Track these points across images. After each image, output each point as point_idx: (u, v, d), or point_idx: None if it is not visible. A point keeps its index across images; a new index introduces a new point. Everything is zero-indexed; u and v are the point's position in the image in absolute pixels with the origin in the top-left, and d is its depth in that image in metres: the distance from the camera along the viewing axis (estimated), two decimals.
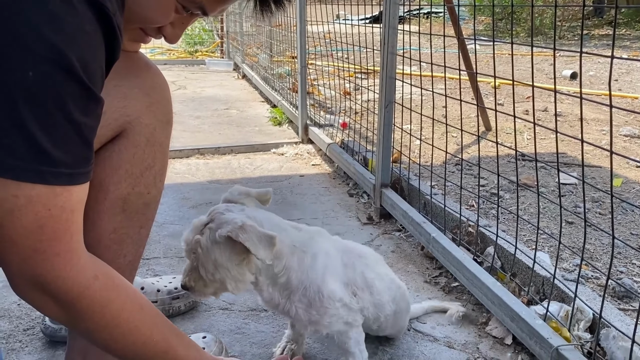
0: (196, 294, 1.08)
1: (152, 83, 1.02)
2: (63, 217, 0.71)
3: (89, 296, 0.77)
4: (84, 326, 0.80)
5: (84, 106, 0.69)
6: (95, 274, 0.78)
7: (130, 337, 0.84)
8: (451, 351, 1.36)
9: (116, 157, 0.99)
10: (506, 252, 1.56)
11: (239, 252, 1.01)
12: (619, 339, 1.11)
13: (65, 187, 0.70)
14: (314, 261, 1.11)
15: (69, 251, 0.73)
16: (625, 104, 4.14)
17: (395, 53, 1.96)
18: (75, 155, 0.70)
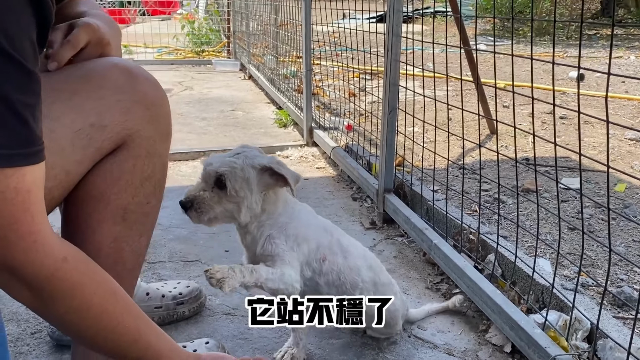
0: (196, 212, 1.16)
1: (152, 97, 1.04)
2: (18, 199, 0.70)
3: (59, 278, 0.77)
4: (55, 309, 0.80)
5: (17, 82, 0.67)
6: (64, 256, 0.78)
7: (100, 322, 0.84)
8: (451, 358, 1.38)
9: (117, 168, 1.02)
10: (507, 260, 1.57)
11: (266, 183, 1.17)
12: (615, 350, 1.13)
13: (13, 169, 0.68)
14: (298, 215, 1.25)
15: (32, 233, 0.72)
16: (632, 106, 4.13)
17: (398, 60, 1.97)
18: (13, 135, 0.68)
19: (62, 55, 0.98)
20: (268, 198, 1.21)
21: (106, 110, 0.97)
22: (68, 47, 0.99)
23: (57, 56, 0.98)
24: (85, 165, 0.98)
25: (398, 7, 1.91)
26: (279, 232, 1.21)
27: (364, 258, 1.34)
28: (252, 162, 1.17)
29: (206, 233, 2.11)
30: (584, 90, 4.68)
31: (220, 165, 1.16)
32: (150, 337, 0.92)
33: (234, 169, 1.15)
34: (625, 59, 6.43)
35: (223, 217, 1.19)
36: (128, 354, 0.90)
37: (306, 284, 1.23)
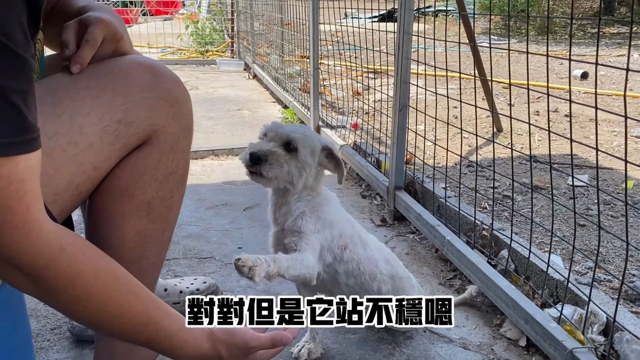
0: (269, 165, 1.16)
1: (177, 94, 1.06)
2: (12, 187, 0.69)
3: (56, 267, 0.76)
4: (57, 299, 0.80)
5: (6, 68, 0.66)
6: (61, 245, 0.76)
7: (105, 308, 0.83)
8: (466, 352, 1.40)
9: (142, 163, 1.03)
10: (520, 255, 1.59)
11: (321, 161, 1.25)
12: (632, 342, 1.14)
13: (5, 158, 0.67)
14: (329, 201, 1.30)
15: (27, 222, 0.72)
16: (637, 104, 4.14)
17: (409, 58, 1.99)
18: (6, 123, 0.67)
19: (84, 57, 0.99)
20: (318, 176, 1.26)
21: (133, 107, 0.99)
22: (88, 47, 1.00)
23: (79, 58, 0.98)
24: (112, 161, 1.00)
25: (409, 6, 1.92)
26: (312, 212, 1.24)
27: (381, 251, 1.37)
28: (318, 137, 1.25)
29: (218, 230, 2.13)
30: (587, 88, 4.69)
31: (293, 130, 1.21)
32: (160, 319, 0.90)
33: (306, 137, 1.20)
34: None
35: (284, 178, 1.20)
36: (139, 337, 0.90)
37: (325, 270, 1.24)
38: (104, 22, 1.01)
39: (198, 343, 0.94)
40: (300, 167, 1.19)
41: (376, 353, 1.39)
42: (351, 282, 1.29)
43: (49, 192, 0.89)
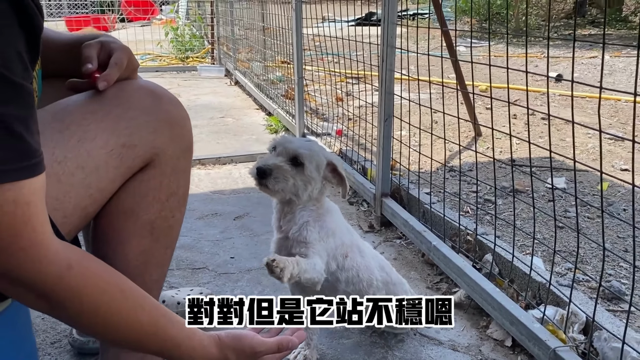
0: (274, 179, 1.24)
1: (176, 116, 1.11)
2: (18, 212, 0.71)
3: (65, 286, 0.79)
4: (66, 314, 0.83)
5: (5, 96, 0.68)
6: (68, 264, 0.79)
7: (113, 321, 0.87)
8: (456, 353, 1.47)
9: (145, 186, 1.08)
10: (503, 259, 1.67)
11: (325, 175, 1.31)
12: (610, 340, 1.22)
13: (9, 184, 0.70)
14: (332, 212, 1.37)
15: (34, 245, 0.74)
16: (609, 105, 4.28)
17: (393, 70, 2.05)
18: (8, 150, 0.69)
19: (112, 77, 1.05)
20: (322, 189, 1.33)
21: (136, 130, 1.03)
22: (116, 69, 1.06)
23: (108, 77, 1.04)
24: (117, 183, 1.04)
25: (392, 20, 1.99)
26: (315, 221, 1.30)
27: (376, 258, 1.45)
28: (324, 152, 1.31)
29: (209, 240, 2.17)
30: (562, 90, 4.82)
31: (300, 146, 1.27)
32: (168, 329, 0.94)
33: (312, 152, 1.27)
34: (600, 58, 6.62)
35: (289, 190, 1.27)
36: (149, 347, 0.94)
37: (327, 278, 1.30)
38: (128, 50, 1.08)
39: (206, 349, 0.98)
40: (306, 180, 1.26)
41: (370, 357, 1.45)
42: (350, 289, 1.35)
43: (58, 215, 0.94)
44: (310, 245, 1.28)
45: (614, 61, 6.29)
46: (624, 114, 4.04)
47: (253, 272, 1.91)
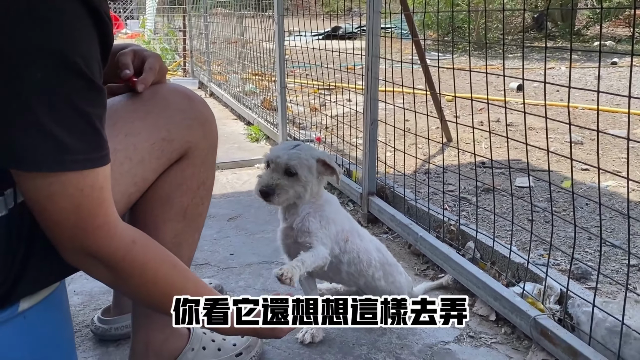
0: (277, 196, 1.40)
1: (206, 115, 1.25)
2: (94, 194, 0.84)
3: (131, 258, 0.92)
4: (129, 284, 0.97)
5: (90, 97, 0.81)
6: (133, 240, 0.93)
7: (166, 290, 1.00)
8: (447, 328, 1.63)
9: (180, 175, 1.22)
10: (484, 245, 1.85)
11: (320, 171, 1.45)
12: (582, 306, 1.41)
13: (90, 170, 0.82)
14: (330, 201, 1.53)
15: (106, 223, 0.87)
16: (564, 112, 4.57)
17: (378, 78, 2.24)
18: (89, 142, 0.82)
19: (148, 80, 1.19)
20: (319, 183, 1.48)
21: (174, 126, 1.17)
22: (151, 73, 1.20)
23: (145, 80, 1.18)
24: (157, 173, 1.18)
25: (376, 32, 2.17)
26: (316, 212, 1.46)
27: (373, 242, 1.61)
28: (311, 154, 1.44)
29: (207, 240, 2.29)
30: (522, 99, 5.12)
31: (289, 157, 1.41)
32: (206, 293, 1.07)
33: (301, 159, 1.41)
34: (557, 69, 7.01)
35: (292, 197, 1.45)
36: None
37: (332, 261, 1.45)
38: (159, 58, 1.22)
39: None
40: (303, 185, 1.43)
41: (370, 334, 1.60)
42: (352, 269, 1.51)
43: None
44: (313, 234, 1.44)
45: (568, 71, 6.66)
46: (580, 119, 4.35)
47: (254, 266, 2.04)
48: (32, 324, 1.05)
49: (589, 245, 2.16)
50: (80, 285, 1.87)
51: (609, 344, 1.31)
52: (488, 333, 1.60)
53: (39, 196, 0.83)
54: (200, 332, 1.43)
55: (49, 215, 0.84)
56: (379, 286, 1.58)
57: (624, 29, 10.86)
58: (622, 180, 2.94)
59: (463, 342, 1.57)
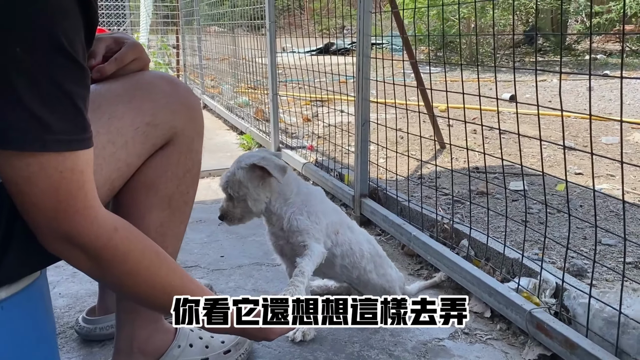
0: (229, 220, 1.44)
1: (192, 101, 1.23)
2: (74, 177, 0.80)
3: (113, 246, 0.88)
4: (111, 273, 0.92)
5: (73, 76, 0.78)
6: (115, 227, 0.88)
7: (150, 280, 0.96)
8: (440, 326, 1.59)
9: (165, 161, 1.19)
10: (478, 243, 1.82)
11: (258, 176, 1.40)
12: (578, 297, 1.38)
13: (70, 152, 0.79)
14: (314, 195, 1.49)
15: (87, 207, 0.83)
16: (560, 121, 4.58)
17: (369, 78, 2.22)
18: (72, 122, 0.78)
19: (107, 69, 1.15)
20: (270, 186, 1.43)
21: (158, 111, 1.15)
22: (114, 64, 1.17)
23: (103, 69, 1.15)
24: (141, 159, 1.15)
25: (367, 32, 2.17)
26: (300, 210, 1.43)
27: (363, 234, 1.59)
28: (240, 165, 1.41)
29: (198, 243, 2.25)
30: (514, 109, 5.14)
31: (222, 182, 1.43)
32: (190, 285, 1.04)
33: (228, 177, 1.41)
34: (549, 81, 7.06)
35: (245, 215, 1.45)
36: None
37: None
38: (139, 48, 1.20)
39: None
40: (247, 200, 1.41)
41: (363, 332, 1.56)
42: (346, 262, 1.48)
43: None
44: (305, 232, 1.41)
45: (562, 84, 6.71)
46: (573, 127, 4.36)
47: (244, 267, 2.01)
48: (10, 315, 1.00)
49: (584, 244, 2.14)
50: (65, 288, 1.83)
51: (606, 335, 1.28)
52: (483, 329, 1.57)
53: (17, 177, 0.79)
54: (187, 328, 1.39)
55: (27, 198, 0.80)
56: (371, 279, 1.55)
57: (615, 44, 10.98)
58: (616, 183, 2.93)
59: (458, 339, 1.53)
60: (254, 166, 1.39)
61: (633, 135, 3.95)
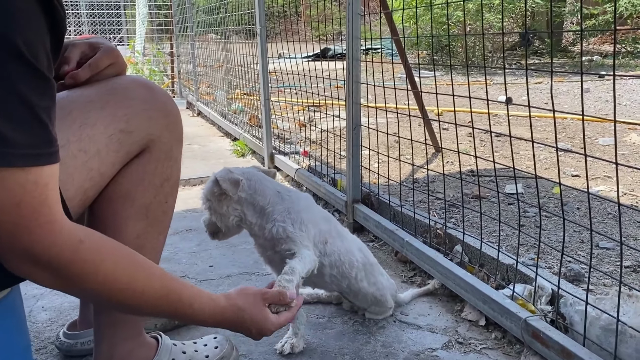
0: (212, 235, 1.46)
1: (170, 108, 1.19)
2: (37, 191, 0.76)
3: (80, 259, 0.83)
4: (84, 288, 0.87)
5: (34, 87, 0.74)
6: (80, 238, 0.83)
7: (129, 288, 0.91)
8: (434, 335, 1.55)
9: (141, 170, 1.14)
10: (472, 248, 1.77)
11: (220, 190, 1.37)
12: (575, 304, 1.33)
13: (35, 167, 0.75)
14: (297, 202, 1.42)
15: (50, 222, 0.79)
16: (557, 123, 4.55)
17: (359, 82, 2.18)
18: (35, 136, 0.74)
19: (80, 76, 1.11)
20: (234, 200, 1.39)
21: (133, 117, 1.10)
22: (88, 70, 1.12)
23: (76, 75, 1.10)
24: (116, 168, 1.10)
25: (356, 34, 2.13)
26: (283, 217, 1.37)
27: (354, 242, 1.54)
28: (210, 178, 1.40)
29: (186, 253, 2.20)
30: (512, 111, 5.11)
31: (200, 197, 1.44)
32: (179, 289, 0.99)
33: (202, 195, 1.43)
34: (545, 84, 7.03)
35: (222, 229, 1.45)
36: (164, 309, 0.98)
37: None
38: (115, 53, 1.15)
39: (215, 301, 1.05)
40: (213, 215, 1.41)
41: (354, 343, 1.52)
42: (334, 272, 1.43)
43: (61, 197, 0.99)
44: (290, 240, 1.36)
45: (558, 86, 6.69)
46: (570, 129, 4.32)
47: (233, 277, 1.96)
48: None
49: (582, 248, 2.09)
50: (49, 301, 1.78)
51: (604, 343, 1.23)
52: (477, 338, 1.52)
53: None
54: (170, 343, 1.34)
55: None
56: (361, 288, 1.50)
57: (610, 45, 10.97)
58: (613, 185, 2.88)
59: (451, 349, 1.48)
60: (216, 179, 1.37)
61: (630, 136, 3.91)
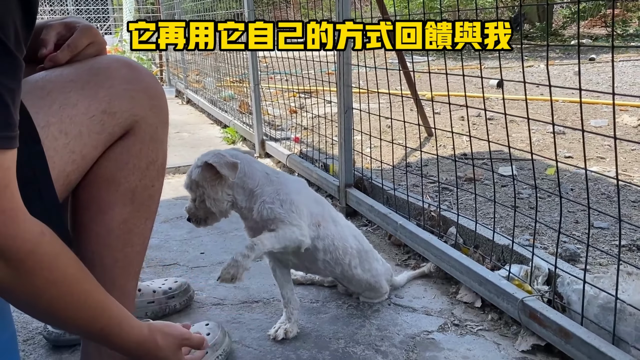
0: (195, 221, 1.39)
1: (154, 88, 1.14)
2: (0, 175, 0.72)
3: (39, 252, 0.78)
4: (32, 283, 0.79)
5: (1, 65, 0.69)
6: (41, 230, 0.79)
7: (74, 292, 0.86)
8: (430, 317, 1.52)
9: (125, 153, 1.10)
10: (467, 230, 1.75)
11: (213, 174, 1.32)
12: (572, 283, 1.31)
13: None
14: (286, 184, 1.38)
15: (13, 209, 0.74)
16: (548, 106, 4.53)
17: (350, 64, 2.14)
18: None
19: (60, 58, 1.06)
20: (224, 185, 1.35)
21: (115, 98, 1.06)
22: (67, 51, 1.07)
23: (56, 58, 1.05)
24: (98, 150, 1.06)
25: (347, 17, 2.08)
26: (272, 198, 1.34)
27: (349, 227, 1.50)
28: (196, 164, 1.36)
29: (177, 240, 2.17)
30: (505, 95, 5.08)
31: (184, 185, 1.39)
32: (113, 307, 0.94)
33: (186, 178, 1.38)
34: (536, 67, 7.02)
35: (208, 216, 1.39)
36: (95, 324, 0.92)
37: (307, 249, 1.34)
38: (93, 31, 1.10)
39: (140, 329, 1.00)
40: (204, 200, 1.35)
41: (348, 327, 1.49)
42: (328, 257, 1.40)
43: None
44: (279, 220, 1.32)
45: (549, 69, 6.67)
46: (562, 112, 4.30)
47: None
48: None
49: (576, 228, 2.07)
50: None
51: (602, 322, 1.21)
52: (474, 320, 1.50)
53: None
54: None
55: None
56: (355, 274, 1.48)
57: (601, 29, 10.96)
58: (606, 165, 2.87)
59: (447, 331, 1.46)
60: (207, 165, 1.32)
61: (622, 117, 3.89)
